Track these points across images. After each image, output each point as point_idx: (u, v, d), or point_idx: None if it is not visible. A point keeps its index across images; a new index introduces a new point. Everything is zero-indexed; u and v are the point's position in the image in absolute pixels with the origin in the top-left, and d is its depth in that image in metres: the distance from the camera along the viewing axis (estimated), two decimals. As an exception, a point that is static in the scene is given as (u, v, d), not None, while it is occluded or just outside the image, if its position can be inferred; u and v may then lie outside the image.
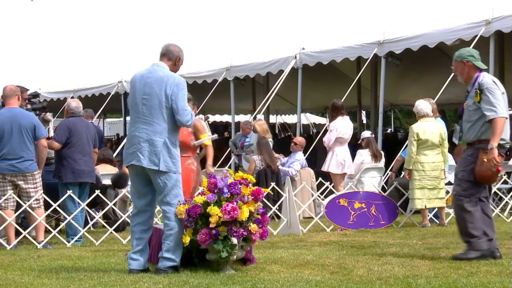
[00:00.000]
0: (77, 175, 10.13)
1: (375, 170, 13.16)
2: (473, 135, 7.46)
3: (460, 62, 7.59)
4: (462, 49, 7.78)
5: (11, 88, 9.74)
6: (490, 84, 7.40)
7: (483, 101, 7.36)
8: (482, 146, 7.38)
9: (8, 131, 9.43)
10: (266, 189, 7.15)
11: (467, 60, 7.56)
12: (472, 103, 7.45)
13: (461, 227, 7.54)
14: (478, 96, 7.38)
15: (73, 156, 10.11)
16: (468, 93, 7.57)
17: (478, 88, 7.40)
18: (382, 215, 11.28)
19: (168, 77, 6.92)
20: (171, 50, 7.11)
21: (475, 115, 7.43)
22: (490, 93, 7.36)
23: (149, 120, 6.86)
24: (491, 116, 7.30)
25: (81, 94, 22.01)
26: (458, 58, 7.62)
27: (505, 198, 12.89)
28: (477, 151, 7.40)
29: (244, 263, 7.23)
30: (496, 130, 7.29)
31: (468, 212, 7.46)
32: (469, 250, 7.44)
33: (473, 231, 7.44)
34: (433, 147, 11.25)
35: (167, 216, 6.86)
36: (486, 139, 7.34)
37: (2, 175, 9.51)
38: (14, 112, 9.56)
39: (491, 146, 7.27)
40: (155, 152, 6.80)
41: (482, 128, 7.40)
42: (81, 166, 10.13)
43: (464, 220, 7.47)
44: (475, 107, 7.43)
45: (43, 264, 7.82)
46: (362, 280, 6.27)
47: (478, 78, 7.48)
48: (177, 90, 6.86)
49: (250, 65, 18.20)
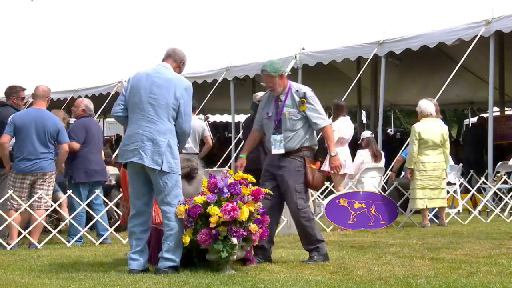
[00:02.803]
0: (90, 175, 10.18)
1: (375, 170, 13.15)
2: (296, 142, 7.48)
3: (278, 76, 7.48)
4: (273, 63, 7.53)
5: (43, 89, 9.79)
6: (310, 92, 7.53)
7: (309, 110, 7.45)
8: (306, 154, 7.50)
9: (32, 132, 9.46)
10: (266, 189, 7.14)
11: (282, 72, 7.54)
12: (298, 112, 7.46)
13: (310, 236, 7.54)
14: (304, 105, 7.44)
15: (87, 156, 10.15)
16: (282, 102, 7.49)
17: (302, 97, 7.45)
18: (382, 215, 11.29)
19: (177, 80, 6.96)
20: (177, 52, 7.16)
21: (299, 124, 7.48)
22: (314, 101, 7.51)
23: (154, 119, 6.86)
24: (322, 124, 7.51)
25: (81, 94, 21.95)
26: (275, 72, 7.46)
27: (505, 198, 12.90)
28: (303, 161, 7.48)
29: (244, 263, 7.23)
30: (330, 136, 7.59)
31: (313, 220, 7.64)
32: (319, 255, 7.48)
33: (319, 236, 7.59)
34: (435, 147, 11.26)
35: (167, 216, 6.86)
36: (309, 146, 7.52)
37: (23, 175, 9.54)
38: (41, 113, 9.60)
39: (334, 153, 7.57)
40: (159, 152, 6.80)
41: (306, 135, 7.50)
42: (94, 166, 10.18)
43: (312, 229, 7.55)
44: (300, 116, 7.47)
45: (43, 264, 7.82)
46: (362, 280, 6.27)
47: (292, 87, 7.53)
48: (186, 95, 6.93)
49: (250, 65, 18.17)
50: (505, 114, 19.17)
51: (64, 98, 22.48)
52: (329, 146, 7.62)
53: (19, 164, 9.50)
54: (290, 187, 7.44)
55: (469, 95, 22.37)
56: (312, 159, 7.55)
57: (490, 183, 13.03)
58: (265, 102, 7.71)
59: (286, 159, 7.49)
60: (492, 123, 14.29)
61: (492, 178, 13.28)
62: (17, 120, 9.53)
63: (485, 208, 12.79)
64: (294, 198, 7.45)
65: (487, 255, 7.77)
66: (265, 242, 7.30)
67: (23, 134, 9.47)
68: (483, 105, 22.20)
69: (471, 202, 13.41)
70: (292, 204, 7.48)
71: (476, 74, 19.01)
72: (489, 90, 14.09)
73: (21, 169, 9.49)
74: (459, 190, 13.21)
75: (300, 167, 7.48)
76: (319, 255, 7.50)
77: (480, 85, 19.41)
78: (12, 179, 9.57)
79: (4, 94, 10.75)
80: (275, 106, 7.55)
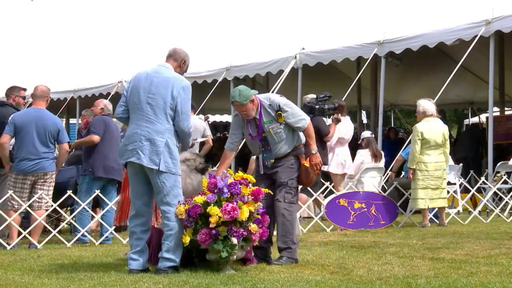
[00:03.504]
0: (108, 171, 10.20)
1: (375, 170, 13.15)
2: (287, 147, 7.49)
3: (250, 102, 7.37)
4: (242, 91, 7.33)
5: (42, 89, 9.79)
6: (278, 99, 7.50)
7: (287, 118, 7.42)
8: (298, 152, 7.51)
9: (32, 132, 9.47)
10: (266, 189, 7.14)
11: (252, 95, 7.41)
12: (279, 125, 7.44)
13: (286, 233, 7.44)
14: (281, 116, 7.42)
15: (105, 152, 10.17)
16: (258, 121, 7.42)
17: (278, 110, 7.42)
18: (382, 215, 11.29)
19: (175, 79, 6.95)
20: (177, 51, 7.16)
21: (285, 133, 7.48)
22: (288, 106, 7.47)
23: (153, 119, 6.87)
24: (305, 125, 7.47)
25: (81, 94, 22.00)
26: (246, 100, 7.32)
27: (505, 198, 12.91)
28: (296, 159, 7.49)
29: (244, 263, 7.23)
30: (311, 134, 7.55)
31: (295, 219, 7.58)
32: (288, 258, 7.40)
33: (295, 239, 7.51)
34: (436, 147, 11.26)
35: (166, 216, 6.86)
36: (299, 145, 7.54)
37: (24, 175, 9.54)
38: (41, 113, 9.61)
39: (315, 151, 7.54)
40: (157, 152, 6.81)
41: (294, 137, 7.52)
42: (112, 163, 10.18)
43: (292, 227, 7.48)
44: (283, 126, 7.46)
45: (43, 264, 7.82)
46: (362, 280, 6.27)
47: (262, 103, 7.45)
48: (184, 93, 6.91)
49: (250, 65, 18.19)
50: (505, 114, 19.18)
51: (64, 98, 22.48)
52: (310, 144, 7.59)
53: (19, 164, 9.50)
54: (283, 181, 7.44)
55: (469, 95, 22.37)
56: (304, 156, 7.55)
57: (490, 183, 13.04)
58: (240, 125, 7.60)
59: (280, 159, 7.53)
60: (492, 123, 14.29)
61: (492, 178, 13.29)
62: (17, 120, 9.53)
63: (485, 208, 12.79)
64: (284, 191, 7.42)
65: (487, 255, 7.76)
66: (263, 242, 7.29)
67: (23, 134, 9.47)
68: (483, 105, 22.19)
69: (471, 202, 13.41)
70: (280, 196, 7.38)
71: (476, 74, 19.00)
72: (489, 90, 14.09)
73: (22, 169, 9.49)
74: (459, 190, 13.21)
75: (294, 164, 7.51)
76: (289, 258, 7.41)
77: (480, 85, 19.40)
78: (13, 180, 9.56)
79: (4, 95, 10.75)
80: (255, 126, 7.51)
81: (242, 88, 7.44)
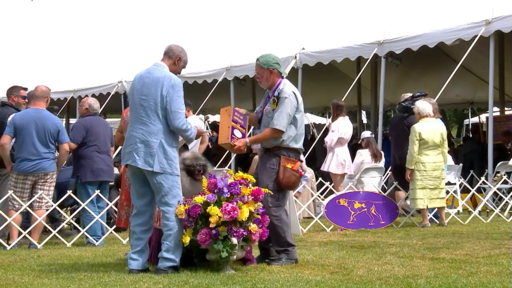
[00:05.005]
0: (97, 174, 10.17)
1: (375, 170, 13.16)
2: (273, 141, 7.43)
3: (267, 69, 7.48)
4: (267, 56, 7.55)
5: (42, 89, 9.80)
6: (286, 94, 7.44)
7: (275, 110, 7.41)
8: (282, 153, 7.42)
9: (32, 132, 9.46)
10: (266, 189, 7.13)
11: (273, 68, 7.50)
12: (272, 110, 7.46)
13: (279, 237, 7.42)
14: (275, 104, 7.42)
15: (91, 155, 10.15)
16: (269, 99, 7.55)
17: (276, 96, 7.43)
18: (382, 215, 11.29)
19: (164, 78, 6.91)
20: (172, 48, 7.11)
21: None
22: (283, 103, 7.42)
23: (145, 120, 6.87)
24: (273, 126, 7.37)
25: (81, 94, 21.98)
26: (265, 65, 7.47)
27: (505, 198, 12.91)
28: (279, 159, 7.41)
29: (244, 263, 7.24)
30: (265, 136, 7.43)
31: (284, 222, 7.48)
32: (287, 258, 7.39)
33: (290, 240, 7.47)
34: (435, 147, 11.27)
35: (166, 216, 6.86)
36: (290, 147, 7.43)
37: (24, 175, 9.53)
38: (41, 113, 9.62)
39: (248, 141, 7.46)
40: (151, 153, 6.81)
41: (286, 134, 7.40)
42: (100, 165, 10.17)
43: (283, 231, 7.43)
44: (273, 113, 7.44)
45: (43, 264, 7.82)
46: (362, 280, 6.27)
47: (280, 84, 7.50)
48: (172, 92, 6.86)
49: (250, 65, 18.11)
50: (505, 114, 19.18)
51: (64, 98, 22.50)
52: (253, 136, 7.61)
53: (20, 164, 9.50)
54: (263, 183, 7.34)
55: (469, 95, 22.38)
56: (289, 159, 7.42)
57: (490, 183, 13.04)
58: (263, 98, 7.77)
59: (265, 155, 7.53)
60: (492, 123, 14.29)
61: (492, 178, 13.29)
62: (17, 120, 9.53)
63: (485, 208, 12.79)
64: (267, 196, 7.26)
65: (487, 255, 7.77)
66: (264, 242, 7.28)
67: (23, 135, 9.47)
68: (483, 105, 22.21)
69: (471, 202, 13.42)
70: (264, 202, 7.23)
71: (476, 74, 19.01)
72: (489, 90, 14.09)
73: (22, 169, 9.49)
74: (459, 190, 13.22)
75: (274, 165, 7.42)
76: (288, 258, 7.40)
77: (480, 85, 19.41)
78: (14, 180, 9.56)
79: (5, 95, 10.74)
80: (264, 102, 7.61)
81: (272, 55, 7.58)
